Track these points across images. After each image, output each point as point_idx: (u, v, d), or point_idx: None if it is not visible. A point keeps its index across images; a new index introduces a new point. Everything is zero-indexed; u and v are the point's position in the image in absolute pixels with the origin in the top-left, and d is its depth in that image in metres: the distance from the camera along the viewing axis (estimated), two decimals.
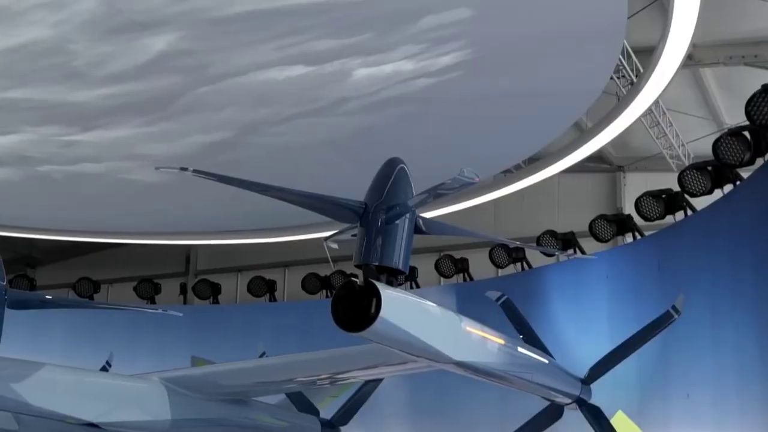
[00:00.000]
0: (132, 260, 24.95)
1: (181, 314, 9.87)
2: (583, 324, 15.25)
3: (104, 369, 12.88)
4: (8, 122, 15.02)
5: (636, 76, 15.68)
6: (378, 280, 5.50)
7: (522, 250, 18.44)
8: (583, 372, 8.85)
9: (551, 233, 17.40)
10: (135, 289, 22.67)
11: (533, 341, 8.79)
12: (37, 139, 15.65)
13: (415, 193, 5.73)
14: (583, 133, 17.35)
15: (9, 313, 7.69)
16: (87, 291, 22.78)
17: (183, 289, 23.86)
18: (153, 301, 22.49)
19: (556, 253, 17.20)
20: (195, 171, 5.48)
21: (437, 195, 5.63)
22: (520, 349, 7.47)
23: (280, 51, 12.53)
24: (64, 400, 7.83)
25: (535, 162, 18.51)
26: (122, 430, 8.88)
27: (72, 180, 17.43)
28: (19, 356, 7.82)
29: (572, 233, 17.50)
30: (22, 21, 11.82)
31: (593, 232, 16.70)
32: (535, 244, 17.16)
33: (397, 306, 5.51)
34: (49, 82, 13.60)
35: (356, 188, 6.01)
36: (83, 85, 13.63)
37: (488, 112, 14.80)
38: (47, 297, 10.08)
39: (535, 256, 18.33)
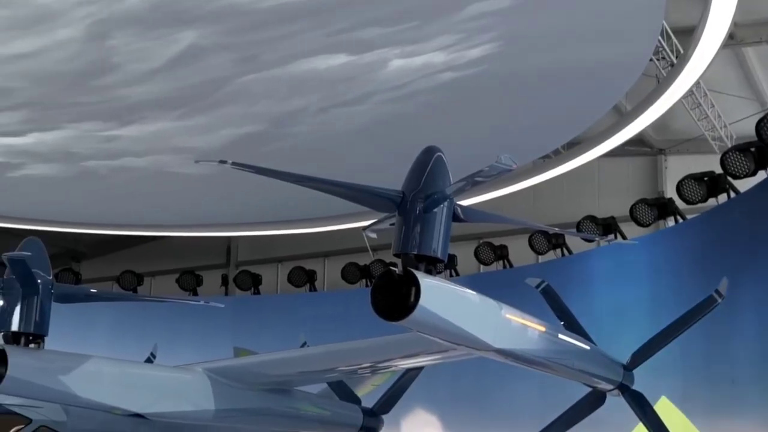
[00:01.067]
0: (174, 253, 25.22)
1: (222, 305, 9.97)
2: (625, 309, 15.12)
3: (149, 360, 13.02)
4: (51, 118, 15.25)
5: (676, 57, 15.46)
6: (417, 268, 5.50)
7: (562, 236, 18.33)
8: (625, 358, 8.77)
9: (591, 218, 17.26)
10: (177, 281, 22.92)
11: (574, 327, 8.71)
12: (80, 135, 15.89)
13: (452, 181, 5.71)
14: (623, 117, 17.17)
15: (56, 307, 7.80)
16: (131, 284, 23.10)
17: (224, 281, 24.10)
18: (195, 293, 22.72)
19: (597, 238, 17.06)
20: (234, 163, 5.51)
21: (475, 182, 5.61)
22: (560, 336, 7.42)
23: (328, 38, 12.59)
24: (110, 391, 7.94)
25: (575, 147, 18.35)
26: (167, 420, 9.00)
27: (115, 174, 17.66)
28: (66, 349, 7.94)
29: (613, 218, 17.34)
30: (63, 19, 11.99)
31: (634, 216, 16.54)
32: (575, 230, 17.03)
33: (436, 294, 5.50)
34: (89, 78, 13.77)
35: (394, 177, 6.02)
36: (123, 80, 13.78)
37: (526, 97, 14.71)
38: (92, 290, 10.24)
39: (575, 242, 18.20)
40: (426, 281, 5.41)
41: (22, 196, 19.05)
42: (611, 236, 16.81)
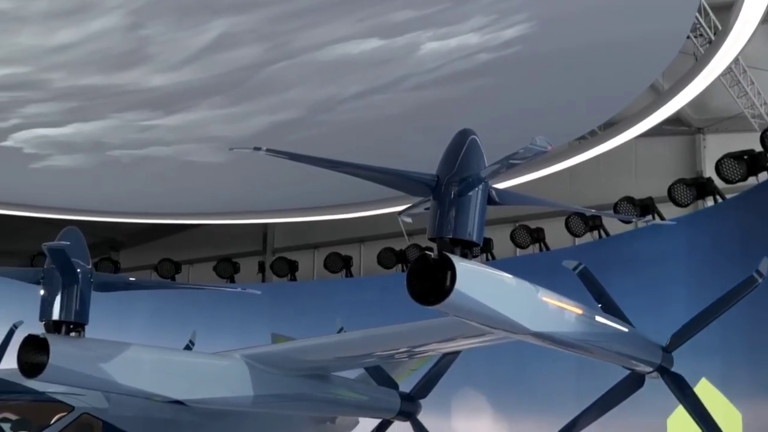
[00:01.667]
0: (211, 240, 25.41)
1: (259, 292, 9.98)
2: (664, 290, 14.95)
3: (188, 347, 13.16)
4: (88, 109, 15.39)
5: (714, 34, 15.20)
6: (452, 252, 5.47)
7: (599, 217, 18.16)
8: (664, 340, 8.68)
9: (629, 199, 17.07)
10: (215, 268, 23.10)
11: (612, 310, 8.64)
12: (117, 125, 16.03)
13: (487, 164, 5.67)
14: (660, 96, 16.94)
15: (95, 296, 7.88)
16: (169, 272, 23.31)
17: (261, 267, 24.23)
18: (232, 280, 22.89)
19: (634, 219, 16.88)
20: (268, 150, 5.53)
21: (510, 165, 5.55)
22: (598, 318, 7.36)
23: (360, 22, 12.55)
24: (150, 378, 8.03)
25: (611, 127, 18.15)
26: (206, 407, 9.08)
27: (150, 164, 17.81)
28: (105, 337, 8.04)
29: (651, 199, 17.14)
30: (98, 9, 12.08)
31: (672, 196, 16.33)
32: (612, 212, 16.86)
33: (472, 278, 5.47)
34: (124, 68, 13.87)
35: (429, 161, 5.99)
36: (158, 69, 13.86)
37: (561, 78, 14.55)
38: (131, 279, 10.33)
39: (612, 224, 18.04)
40: (461, 265, 5.38)
41: (60, 187, 19.29)
42: (649, 217, 16.62)
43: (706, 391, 12.62)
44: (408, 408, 10.64)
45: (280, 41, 13.16)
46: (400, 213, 6.30)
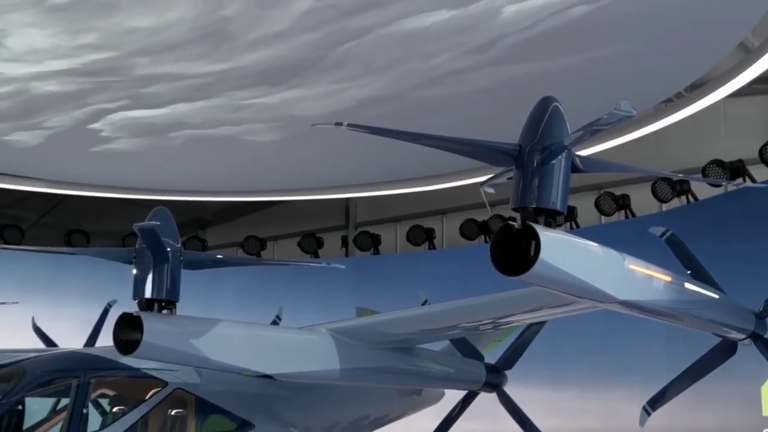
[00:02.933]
0: (295, 216, 25.72)
1: (343, 267, 10.12)
2: (756, 255, 14.55)
3: (274, 322, 13.40)
4: (175, 91, 15.67)
5: None
6: (536, 222, 5.43)
7: (687, 182, 17.73)
8: (757, 305, 8.44)
9: (718, 162, 16.62)
10: (299, 244, 23.40)
11: (702, 276, 8.44)
12: (204, 106, 16.30)
13: (570, 131, 5.58)
14: (750, 53, 16.35)
15: (185, 274, 8.07)
16: (254, 248, 23.71)
17: (344, 242, 24.45)
18: (316, 255, 23.15)
19: (724, 183, 16.42)
20: (350, 125, 5.58)
21: (594, 131, 5.46)
22: (687, 285, 7.20)
23: None
24: (240, 353, 8.20)
25: (698, 88, 17.61)
26: (294, 381, 9.23)
27: (235, 143, 18.09)
28: (196, 314, 8.23)
29: (741, 161, 16.66)
30: None
31: (764, 158, 15.85)
32: (700, 175, 16.45)
33: (557, 247, 5.41)
34: (206, 49, 14.06)
35: (512, 132, 5.92)
36: (241, 50, 14.00)
37: (645, 38, 14.16)
38: (219, 256, 10.54)
39: (701, 188, 17.58)
40: (546, 234, 5.33)
41: (148, 168, 19.78)
42: (740, 180, 16.17)
43: None
44: (494, 379, 10.64)
45: (358, 17, 13.12)
46: (482, 184, 6.26)
